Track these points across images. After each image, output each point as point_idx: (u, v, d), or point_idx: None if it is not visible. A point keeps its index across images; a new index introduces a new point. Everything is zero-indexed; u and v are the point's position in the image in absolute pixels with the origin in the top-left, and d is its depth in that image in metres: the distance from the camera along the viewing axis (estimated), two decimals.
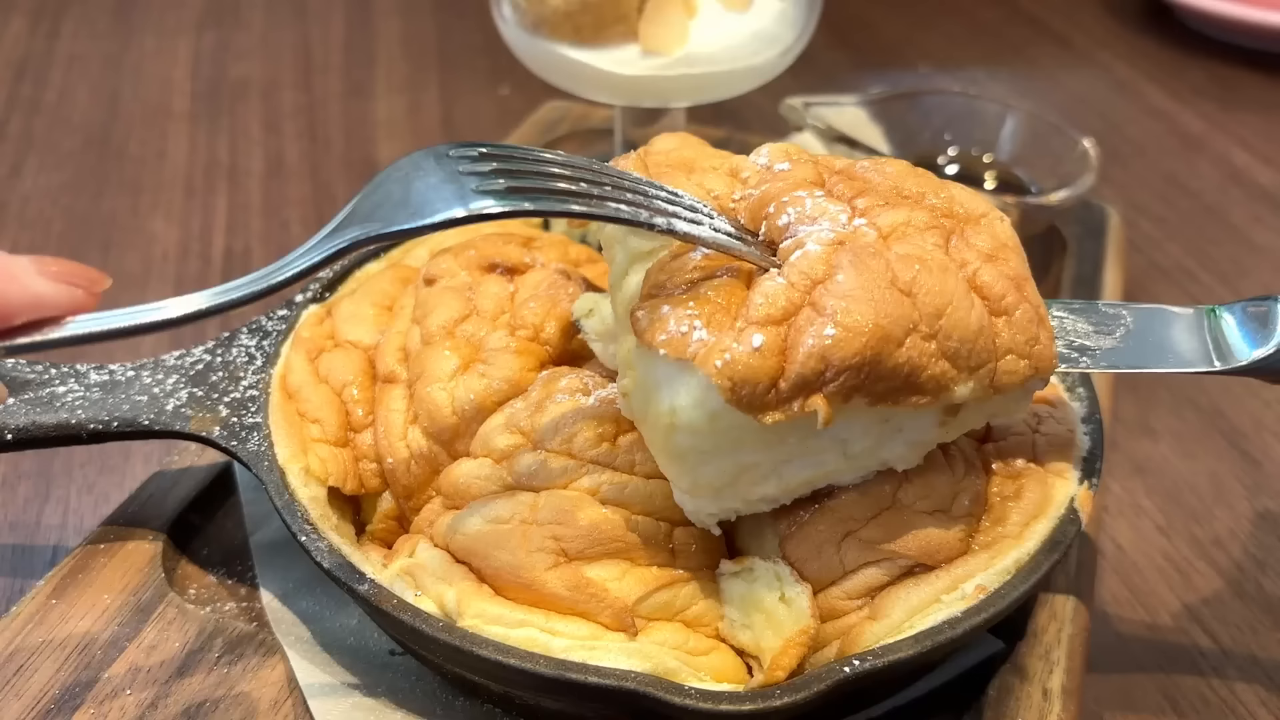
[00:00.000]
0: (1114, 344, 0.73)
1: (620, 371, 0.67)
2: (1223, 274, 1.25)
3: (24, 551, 0.91)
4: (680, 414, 0.59)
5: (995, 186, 1.18)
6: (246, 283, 0.57)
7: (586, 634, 0.64)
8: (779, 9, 1.08)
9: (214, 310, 0.57)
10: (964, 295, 0.61)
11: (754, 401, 0.57)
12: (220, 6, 1.78)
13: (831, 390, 0.58)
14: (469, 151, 0.58)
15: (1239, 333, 0.71)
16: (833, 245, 0.61)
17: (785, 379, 0.57)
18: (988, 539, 0.69)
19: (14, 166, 1.39)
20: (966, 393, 0.62)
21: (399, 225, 0.55)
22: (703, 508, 0.65)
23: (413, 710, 0.71)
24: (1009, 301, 0.63)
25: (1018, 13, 1.82)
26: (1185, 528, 0.95)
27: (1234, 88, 1.61)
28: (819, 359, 0.57)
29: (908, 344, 0.59)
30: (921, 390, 0.60)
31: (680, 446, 0.61)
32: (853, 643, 0.65)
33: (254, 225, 1.31)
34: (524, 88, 1.52)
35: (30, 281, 0.53)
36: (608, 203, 0.58)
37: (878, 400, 0.60)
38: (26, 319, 0.53)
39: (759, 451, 0.62)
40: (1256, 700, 0.80)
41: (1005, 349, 0.63)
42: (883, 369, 0.58)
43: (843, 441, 0.64)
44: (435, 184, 0.56)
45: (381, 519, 0.77)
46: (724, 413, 0.58)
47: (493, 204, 0.55)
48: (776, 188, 0.66)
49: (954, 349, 0.60)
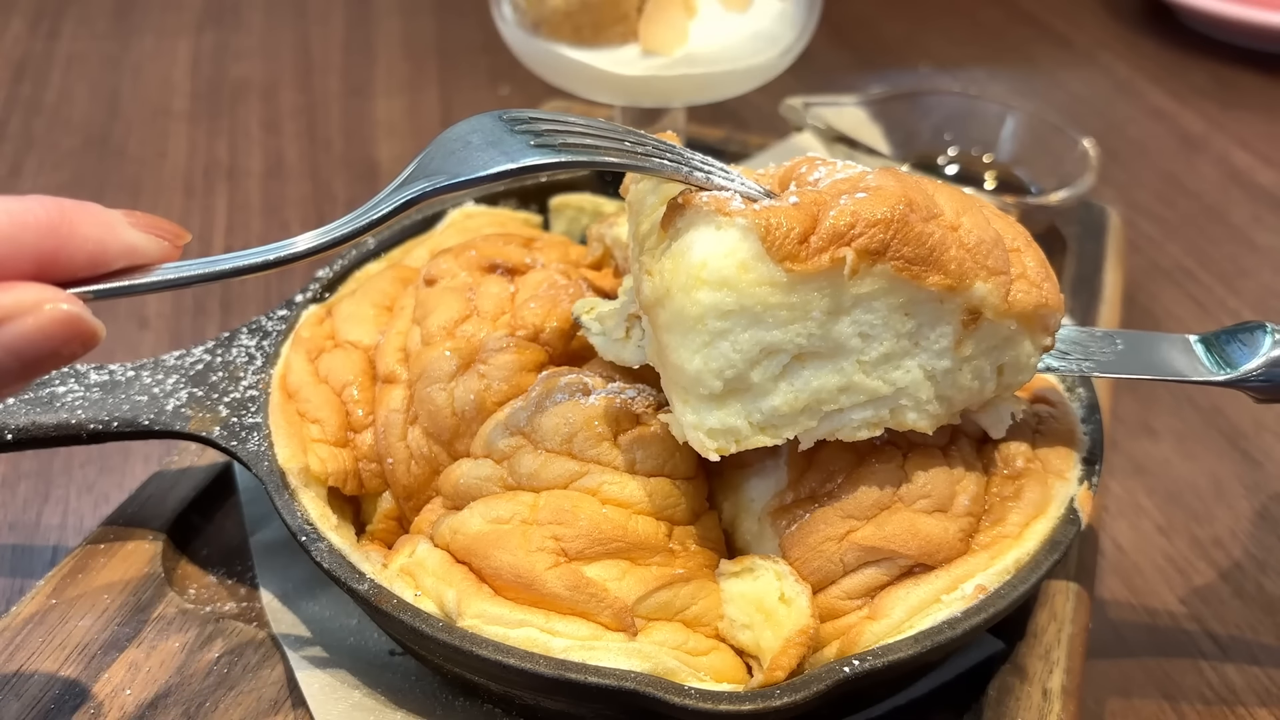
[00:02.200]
0: (1107, 357, 0.76)
1: (642, 266, 0.66)
2: (1223, 274, 1.25)
3: (24, 551, 0.91)
4: (711, 263, 0.60)
5: (995, 186, 1.18)
6: (319, 234, 0.59)
7: (586, 634, 0.64)
8: (779, 9, 1.08)
9: (291, 259, 0.59)
10: (980, 213, 0.66)
11: (786, 248, 0.60)
12: (220, 6, 1.78)
13: (860, 244, 0.60)
14: (521, 115, 0.62)
15: (1226, 350, 0.74)
16: (860, 172, 0.66)
17: (817, 234, 0.60)
18: (988, 539, 0.69)
19: (14, 166, 1.39)
20: (985, 292, 0.64)
21: (464, 176, 0.59)
22: (704, 419, 0.63)
23: (413, 710, 0.71)
24: (1020, 245, 0.68)
25: (1018, 13, 1.82)
26: (1185, 528, 0.95)
27: (1234, 88, 1.61)
28: (851, 214, 0.61)
29: (931, 224, 0.63)
30: (944, 269, 0.63)
31: (703, 304, 0.60)
32: (853, 643, 0.65)
33: (254, 225, 1.31)
34: (524, 88, 1.52)
35: (124, 232, 0.56)
36: (651, 158, 0.63)
37: (904, 266, 0.61)
38: (122, 265, 0.56)
39: (780, 326, 0.62)
40: (1256, 700, 0.80)
41: (1019, 274, 0.66)
42: (909, 233, 0.61)
43: (862, 338, 0.64)
44: (495, 140, 0.60)
45: (381, 519, 0.77)
46: (755, 262, 0.60)
47: (550, 156, 0.59)
48: (802, 161, 0.70)
49: (974, 244, 0.64)
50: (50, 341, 0.52)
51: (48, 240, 0.53)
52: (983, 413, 0.71)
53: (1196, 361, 0.75)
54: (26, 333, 0.51)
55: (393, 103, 1.54)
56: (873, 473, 0.69)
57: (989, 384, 0.68)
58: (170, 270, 0.58)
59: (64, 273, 0.54)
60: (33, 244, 0.52)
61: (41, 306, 0.51)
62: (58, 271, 0.54)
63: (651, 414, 0.71)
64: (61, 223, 0.53)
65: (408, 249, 0.93)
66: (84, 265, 0.55)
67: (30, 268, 0.53)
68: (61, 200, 0.54)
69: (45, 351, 0.52)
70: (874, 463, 0.69)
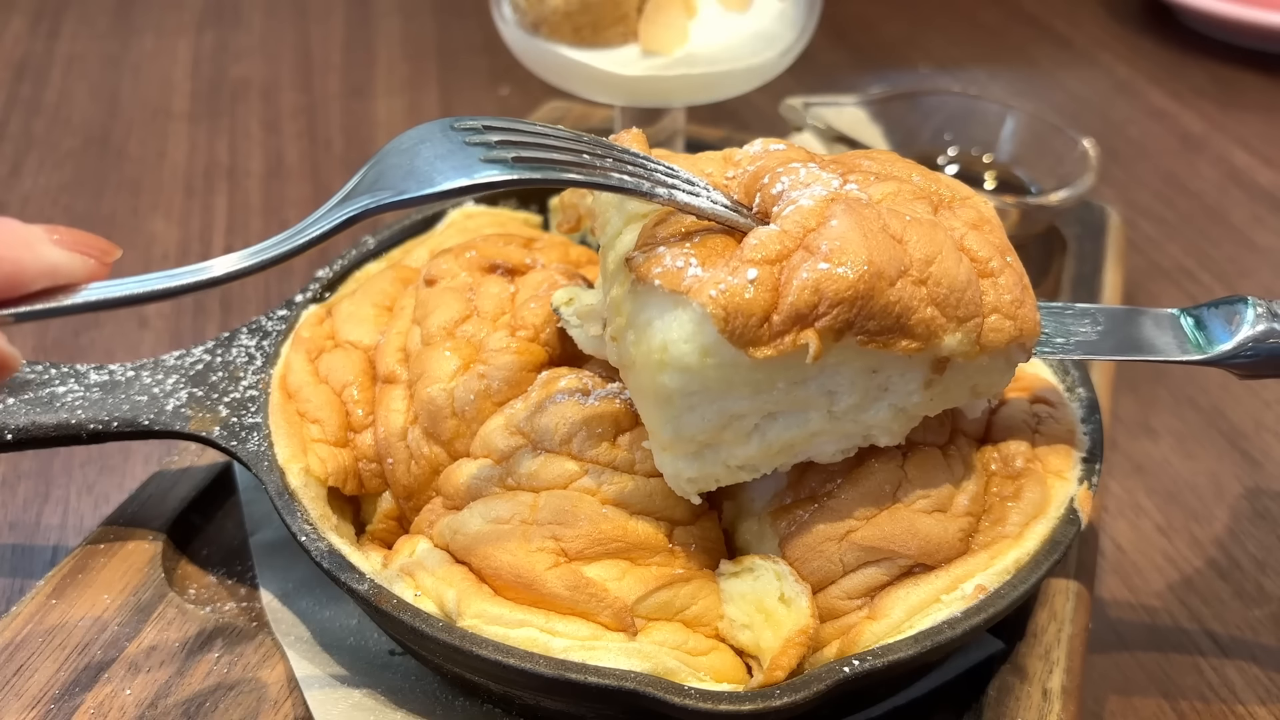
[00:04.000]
0: (1088, 337, 0.74)
1: (609, 318, 0.66)
2: (1223, 274, 1.25)
3: (24, 551, 0.91)
4: (671, 349, 0.59)
5: (995, 186, 1.18)
6: (246, 255, 0.57)
7: (586, 634, 0.64)
8: (779, 9, 1.08)
9: (211, 283, 0.56)
10: (952, 250, 0.63)
11: (747, 334, 0.58)
12: (220, 6, 1.78)
13: (824, 324, 0.58)
14: (473, 124, 0.58)
15: (1208, 327, 0.73)
16: (826, 200, 0.62)
17: (779, 312, 0.58)
18: (987, 539, 0.69)
19: (14, 166, 1.39)
20: (954, 344, 0.62)
21: (409, 193, 0.55)
22: (682, 471, 0.64)
23: (413, 710, 0.71)
24: (994, 265, 0.65)
25: (1018, 13, 1.82)
26: (1185, 528, 0.95)
27: (1234, 88, 1.61)
28: (813, 291, 0.58)
29: (899, 285, 0.60)
30: (912, 334, 0.61)
31: (668, 387, 0.60)
32: (852, 643, 0.65)
33: (254, 225, 1.31)
34: (524, 88, 1.52)
35: (44, 250, 0.53)
36: (611, 173, 0.59)
37: (869, 339, 0.60)
38: (42, 286, 0.53)
39: (746, 398, 0.62)
40: (1256, 700, 0.80)
41: (991, 308, 0.64)
42: (875, 306, 0.59)
43: (829, 395, 0.63)
44: (443, 154, 0.56)
45: (381, 519, 0.77)
46: (715, 347, 0.59)
47: (500, 173, 0.56)
48: (770, 161, 0.68)
49: (943, 296, 0.61)
50: None
51: None
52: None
53: (1179, 337, 0.73)
54: None
55: (393, 103, 1.54)
56: (872, 473, 0.69)
57: (963, 399, 0.69)
58: (94, 291, 0.55)
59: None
60: None
61: None
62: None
63: None
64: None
65: (408, 249, 0.93)
66: (0, 286, 0.52)
67: None
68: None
69: None
70: (873, 463, 0.69)
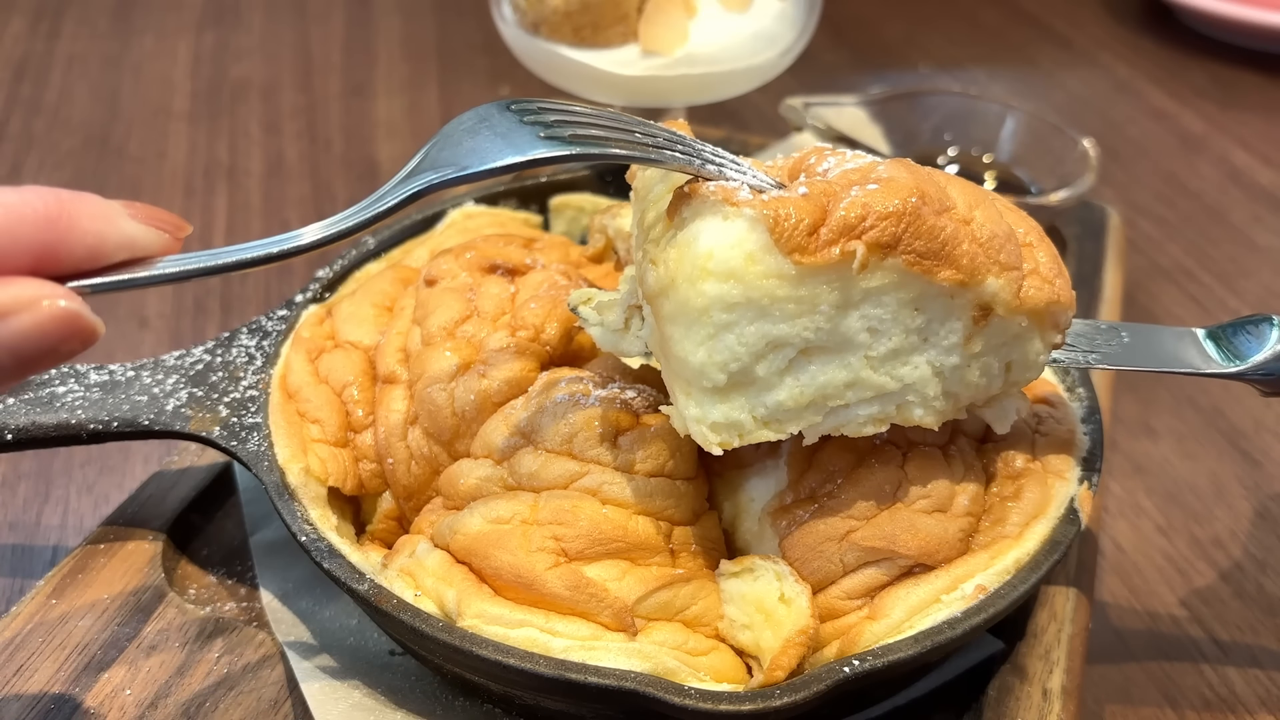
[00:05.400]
0: (1113, 349, 0.75)
1: (644, 248, 0.65)
2: (1223, 274, 1.25)
3: (24, 551, 0.91)
4: (718, 253, 0.59)
5: (995, 186, 1.18)
6: (326, 225, 0.58)
7: (586, 634, 0.64)
8: (779, 9, 1.08)
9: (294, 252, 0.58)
10: (993, 206, 0.65)
11: (795, 240, 0.58)
12: (220, 6, 1.78)
13: (871, 237, 0.59)
14: (529, 105, 0.61)
15: (1233, 343, 0.74)
16: (870, 162, 0.65)
17: (827, 226, 0.59)
18: (988, 539, 0.69)
19: (14, 166, 1.39)
20: (997, 288, 0.63)
21: (471, 169, 0.57)
22: (707, 414, 0.62)
23: (413, 710, 0.71)
24: (1033, 240, 0.67)
25: (1018, 13, 1.82)
26: (1185, 528, 0.95)
27: (1234, 88, 1.61)
28: (861, 206, 0.60)
29: (945, 217, 0.62)
30: (956, 264, 0.61)
31: (708, 296, 0.59)
32: (852, 643, 0.65)
33: (254, 225, 1.31)
34: (524, 88, 1.52)
35: (123, 223, 0.55)
36: (663, 150, 0.61)
37: (915, 261, 0.60)
38: (120, 259, 0.55)
39: (787, 320, 0.61)
40: (1256, 700, 0.80)
41: (1031, 270, 0.65)
42: (922, 226, 0.60)
43: (870, 333, 0.63)
44: (503, 132, 0.59)
45: (381, 519, 0.77)
46: (763, 254, 0.59)
47: (560, 149, 0.58)
48: (811, 151, 0.69)
49: (987, 238, 0.63)
50: (47, 339, 0.50)
51: (46, 233, 0.52)
52: (988, 408, 0.71)
53: (1203, 355, 0.74)
54: (23, 330, 0.50)
55: (393, 103, 1.54)
56: (872, 473, 0.69)
57: (996, 381, 0.68)
58: (171, 263, 0.56)
59: (62, 266, 0.53)
60: (30, 237, 0.51)
61: (39, 303, 0.50)
62: (56, 265, 0.52)
63: (651, 414, 0.71)
64: (60, 215, 0.52)
65: (408, 249, 0.93)
66: (83, 258, 0.53)
67: (28, 261, 0.51)
68: (60, 192, 0.53)
69: (42, 349, 0.50)
70: (874, 463, 0.69)
